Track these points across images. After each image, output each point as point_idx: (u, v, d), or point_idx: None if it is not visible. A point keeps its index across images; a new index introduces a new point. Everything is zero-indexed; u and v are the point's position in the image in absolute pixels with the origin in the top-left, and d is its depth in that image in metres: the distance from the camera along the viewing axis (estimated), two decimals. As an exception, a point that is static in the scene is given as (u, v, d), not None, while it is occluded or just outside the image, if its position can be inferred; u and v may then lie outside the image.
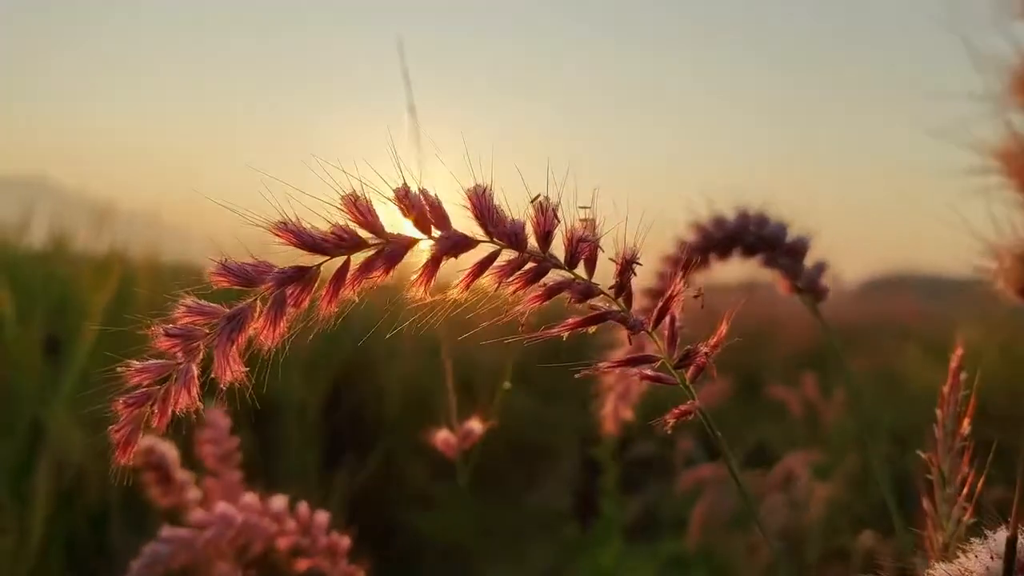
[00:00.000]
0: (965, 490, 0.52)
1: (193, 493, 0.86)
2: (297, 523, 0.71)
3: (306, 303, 0.41)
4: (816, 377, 2.48)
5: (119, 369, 0.42)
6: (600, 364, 0.44)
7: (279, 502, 0.71)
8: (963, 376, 0.55)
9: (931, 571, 0.41)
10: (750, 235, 0.75)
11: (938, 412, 0.53)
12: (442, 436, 0.74)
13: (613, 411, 0.88)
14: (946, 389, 0.53)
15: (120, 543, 2.28)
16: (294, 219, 0.40)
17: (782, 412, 2.36)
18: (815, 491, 2.05)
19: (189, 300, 0.41)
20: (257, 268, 0.40)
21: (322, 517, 0.72)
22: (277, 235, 0.40)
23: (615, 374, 0.86)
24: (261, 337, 0.41)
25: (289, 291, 0.40)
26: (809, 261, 0.75)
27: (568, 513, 2.87)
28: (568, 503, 3.01)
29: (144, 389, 0.41)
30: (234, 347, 0.40)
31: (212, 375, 0.41)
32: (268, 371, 0.41)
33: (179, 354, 0.41)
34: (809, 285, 0.74)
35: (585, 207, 0.42)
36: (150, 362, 0.41)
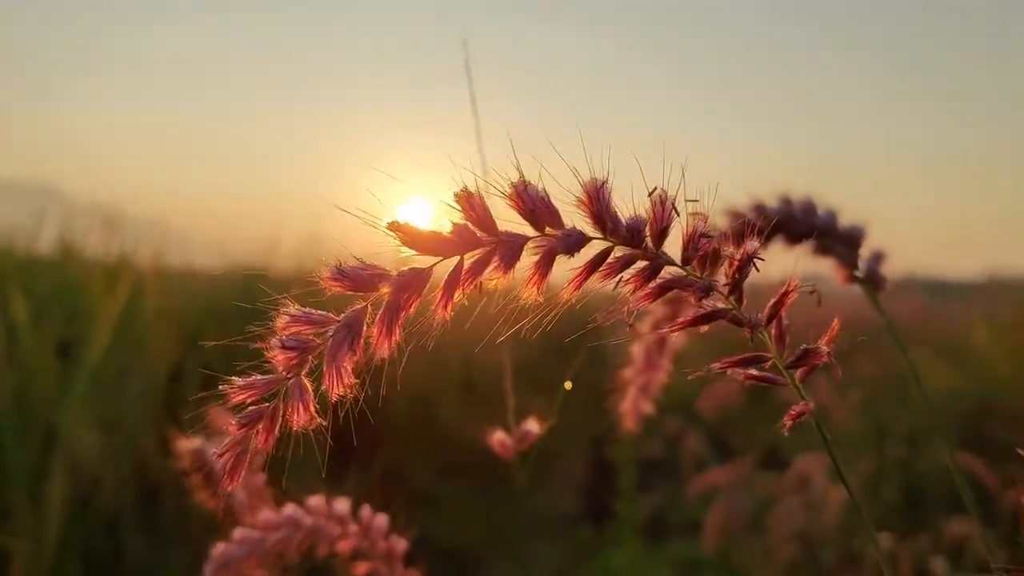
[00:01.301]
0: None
1: (241, 496, 0.85)
2: (359, 526, 0.71)
3: (415, 307, 0.39)
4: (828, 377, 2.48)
5: (220, 387, 0.39)
6: (712, 365, 0.42)
7: (342, 505, 0.71)
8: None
9: None
10: (798, 222, 0.71)
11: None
12: (498, 437, 0.73)
13: (633, 406, 0.85)
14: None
15: (133, 547, 2.28)
16: (405, 220, 0.38)
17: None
18: (830, 493, 2.05)
19: (294, 308, 0.39)
20: (368, 271, 0.38)
21: (382, 520, 0.72)
22: (391, 234, 0.38)
23: (638, 367, 0.83)
24: (375, 346, 0.39)
25: (403, 295, 0.38)
26: (865, 250, 0.72)
27: (578, 515, 2.87)
28: (578, 505, 3.01)
29: (254, 408, 0.39)
30: (350, 358, 0.38)
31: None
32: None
33: (284, 368, 0.39)
34: (869, 275, 0.71)
35: (694, 200, 0.40)
36: (255, 378, 0.39)
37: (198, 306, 2.90)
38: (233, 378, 0.39)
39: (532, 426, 0.73)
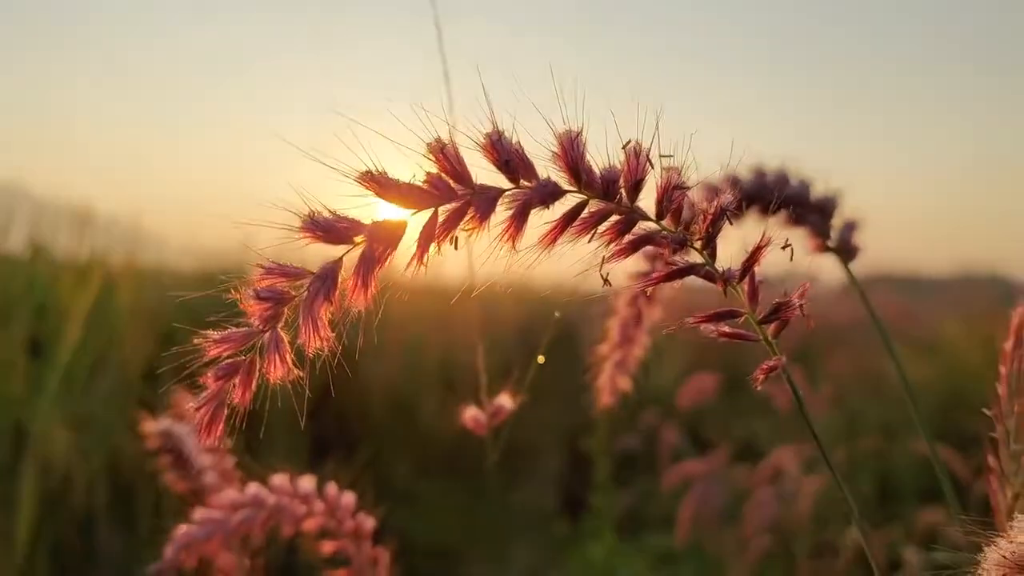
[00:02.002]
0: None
1: (210, 478, 0.84)
2: (325, 505, 0.70)
3: (390, 260, 0.38)
4: (802, 370, 2.50)
5: (195, 341, 0.38)
6: (687, 319, 0.41)
7: (307, 483, 0.70)
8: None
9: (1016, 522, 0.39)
10: (771, 192, 0.70)
11: (1001, 369, 0.52)
12: (470, 414, 0.72)
13: (610, 381, 0.82)
14: (1008, 346, 0.53)
15: (107, 546, 2.26)
16: (378, 168, 0.37)
17: (769, 406, 2.37)
18: (803, 485, 2.07)
19: (266, 261, 0.38)
20: (342, 223, 0.38)
21: (348, 499, 0.71)
22: (362, 185, 0.38)
23: (614, 342, 0.81)
24: (351, 298, 0.38)
25: (378, 248, 0.38)
26: (838, 220, 0.72)
27: (555, 510, 2.87)
28: (555, 500, 3.01)
29: (231, 360, 0.38)
30: (326, 309, 0.38)
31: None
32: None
33: (259, 321, 0.38)
34: (841, 244, 0.71)
35: (668, 155, 0.39)
36: (231, 331, 0.38)
37: (171, 304, 2.88)
38: (209, 332, 0.38)
39: (504, 401, 0.72)
